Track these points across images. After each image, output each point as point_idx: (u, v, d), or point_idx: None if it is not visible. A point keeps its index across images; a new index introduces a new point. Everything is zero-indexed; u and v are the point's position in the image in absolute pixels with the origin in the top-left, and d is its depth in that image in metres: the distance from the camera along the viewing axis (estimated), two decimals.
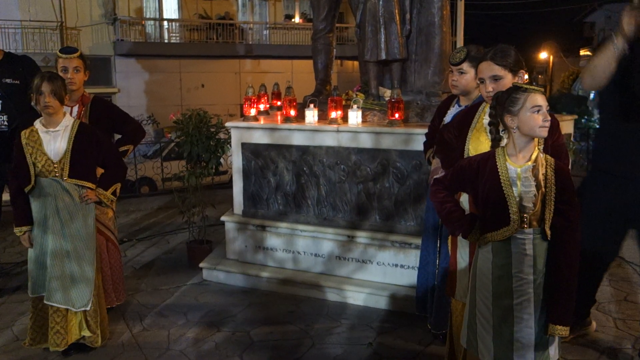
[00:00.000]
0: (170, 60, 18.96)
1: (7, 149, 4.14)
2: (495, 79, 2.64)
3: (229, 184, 8.95)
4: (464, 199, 2.82)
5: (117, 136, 3.99)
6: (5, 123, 4.15)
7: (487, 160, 2.37)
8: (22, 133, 3.24)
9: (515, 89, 2.28)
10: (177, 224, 6.47)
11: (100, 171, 3.43)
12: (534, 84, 2.39)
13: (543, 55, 37.09)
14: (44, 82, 3.09)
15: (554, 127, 2.60)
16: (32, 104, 3.19)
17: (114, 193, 3.42)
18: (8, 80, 4.12)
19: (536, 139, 2.31)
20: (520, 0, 32.84)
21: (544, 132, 2.25)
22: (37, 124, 3.25)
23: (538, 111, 2.23)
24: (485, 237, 2.36)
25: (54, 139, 3.20)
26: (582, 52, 35.47)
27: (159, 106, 18.48)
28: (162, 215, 7.24)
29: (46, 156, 3.17)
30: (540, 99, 2.24)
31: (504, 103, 2.29)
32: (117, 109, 3.94)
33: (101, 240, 3.65)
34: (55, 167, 3.18)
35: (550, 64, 36.74)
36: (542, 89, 2.29)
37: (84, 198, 3.28)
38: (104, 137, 3.42)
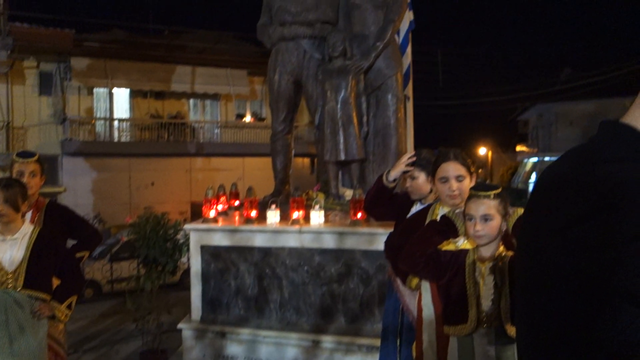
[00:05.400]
0: (120, 159, 18.78)
1: None
2: (459, 178, 2.69)
3: (179, 285, 8.69)
4: (427, 298, 2.76)
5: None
6: None
7: (459, 256, 2.39)
8: None
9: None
10: (127, 330, 6.12)
11: (56, 282, 3.23)
12: (478, 181, 2.49)
13: (482, 150, 39.04)
14: None
15: None
16: None
17: (69, 306, 3.20)
18: None
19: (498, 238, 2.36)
20: (459, 102, 34.98)
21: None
22: None
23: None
24: (446, 329, 2.37)
25: (10, 247, 3.01)
26: (518, 148, 37.54)
27: (106, 205, 18.06)
28: (110, 321, 6.86)
29: (0, 265, 2.97)
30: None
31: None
32: (73, 214, 3.78)
33: (50, 356, 3.36)
34: (9, 278, 2.97)
35: (490, 159, 38.58)
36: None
37: (37, 313, 3.05)
38: (62, 246, 3.25)
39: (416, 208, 3.38)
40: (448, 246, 2.48)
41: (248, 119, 22.22)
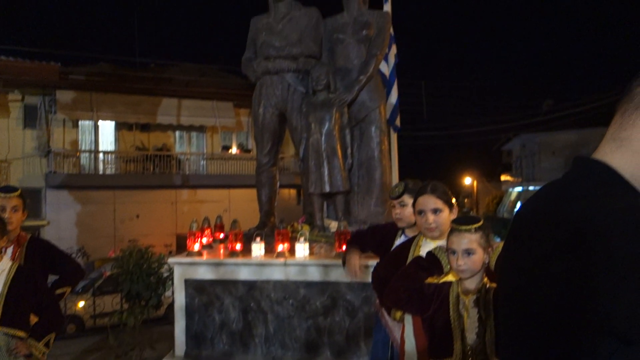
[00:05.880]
0: (105, 191, 18.66)
1: None
2: (436, 211, 2.72)
3: (164, 319, 8.55)
4: (409, 330, 2.75)
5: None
6: None
7: (442, 288, 2.39)
8: None
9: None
10: None
11: (34, 319, 3.17)
12: (464, 210, 2.50)
13: (467, 180, 39.37)
14: None
15: None
16: None
17: (47, 344, 3.14)
18: None
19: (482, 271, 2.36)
20: (444, 133, 35.47)
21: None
22: None
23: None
24: None
25: None
26: (502, 178, 37.91)
27: (90, 238, 17.85)
28: (92, 357, 6.71)
29: None
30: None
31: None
32: (56, 249, 3.74)
33: None
34: None
35: (475, 189, 38.86)
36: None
37: (14, 351, 2.99)
38: (42, 283, 3.21)
39: (400, 240, 3.39)
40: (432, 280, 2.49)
41: (234, 150, 22.26)
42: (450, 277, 2.44)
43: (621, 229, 0.92)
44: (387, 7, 6.83)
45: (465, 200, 37.09)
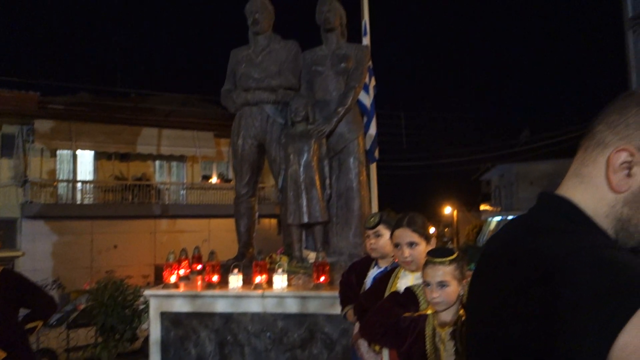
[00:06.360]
0: (82, 222, 18.37)
1: None
2: (412, 244, 2.72)
3: (141, 352, 8.36)
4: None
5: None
6: None
7: (418, 321, 2.39)
8: None
9: None
10: None
11: (2, 354, 3.09)
12: (444, 239, 2.51)
13: (447, 210, 39.65)
14: None
15: None
16: None
17: None
18: None
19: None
20: (424, 163, 35.82)
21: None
22: None
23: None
24: None
25: None
26: (482, 207, 38.25)
27: (67, 269, 17.50)
28: None
29: None
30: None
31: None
32: (28, 282, 3.65)
33: None
34: None
35: (455, 218, 39.11)
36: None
37: None
38: (12, 318, 3.14)
39: (373, 272, 3.38)
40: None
41: (214, 180, 22.17)
42: (426, 310, 2.44)
43: (583, 269, 0.92)
44: (366, 41, 6.95)
45: (446, 230, 37.24)
